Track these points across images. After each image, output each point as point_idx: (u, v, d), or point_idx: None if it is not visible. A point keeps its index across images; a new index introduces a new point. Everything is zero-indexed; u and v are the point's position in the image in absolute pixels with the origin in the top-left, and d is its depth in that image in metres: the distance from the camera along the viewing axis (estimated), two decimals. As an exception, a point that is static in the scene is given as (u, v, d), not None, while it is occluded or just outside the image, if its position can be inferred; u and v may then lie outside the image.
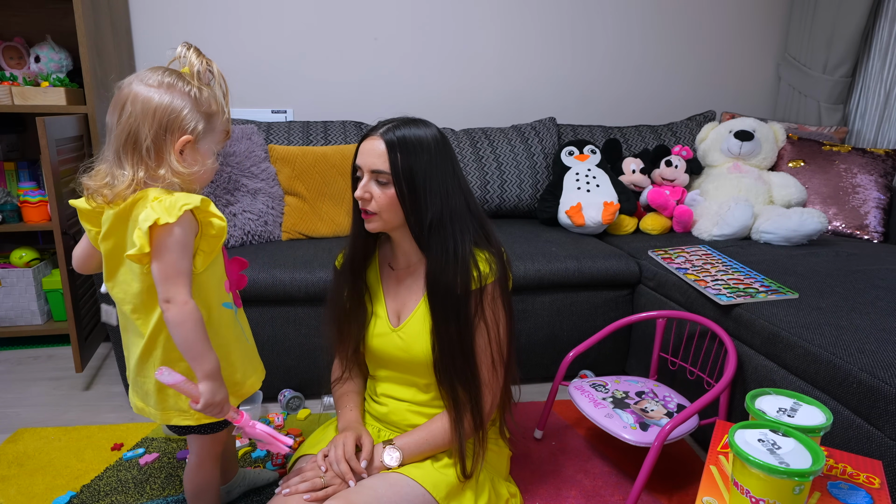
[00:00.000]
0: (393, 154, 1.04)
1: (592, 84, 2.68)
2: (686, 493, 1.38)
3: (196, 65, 0.94)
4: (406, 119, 1.10)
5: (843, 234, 2.11)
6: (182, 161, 0.93)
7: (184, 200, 0.88)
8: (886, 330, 1.20)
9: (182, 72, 0.95)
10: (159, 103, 0.90)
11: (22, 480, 1.40)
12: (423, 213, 1.06)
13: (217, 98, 0.96)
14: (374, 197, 1.07)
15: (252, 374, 1.09)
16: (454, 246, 1.07)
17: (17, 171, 2.13)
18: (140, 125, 0.90)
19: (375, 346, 1.20)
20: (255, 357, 1.12)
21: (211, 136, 0.96)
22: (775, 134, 2.28)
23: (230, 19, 2.34)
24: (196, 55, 0.95)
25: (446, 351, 1.09)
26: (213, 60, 0.97)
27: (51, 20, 2.13)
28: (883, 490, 0.86)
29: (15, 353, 2.11)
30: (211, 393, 0.92)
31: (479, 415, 1.12)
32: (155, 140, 0.90)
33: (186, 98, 0.92)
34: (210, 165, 0.97)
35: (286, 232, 1.99)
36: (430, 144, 1.07)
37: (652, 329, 1.64)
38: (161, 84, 0.91)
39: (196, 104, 0.93)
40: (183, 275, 0.89)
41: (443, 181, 1.07)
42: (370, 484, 1.05)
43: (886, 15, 2.41)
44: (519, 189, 2.29)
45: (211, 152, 0.97)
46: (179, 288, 0.88)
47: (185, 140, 0.92)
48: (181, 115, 0.91)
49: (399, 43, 2.48)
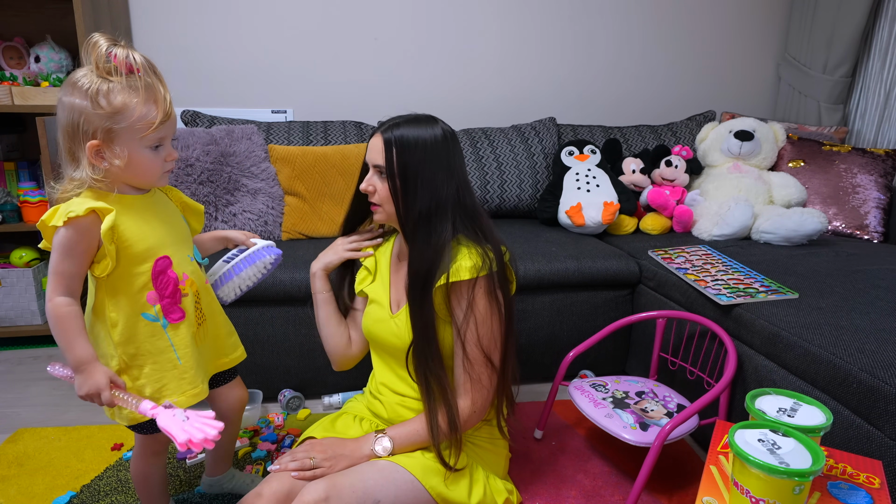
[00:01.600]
0: (389, 151, 1.09)
1: (592, 84, 2.68)
2: (686, 493, 1.38)
3: (98, 56, 0.88)
4: (411, 117, 1.13)
5: (843, 234, 2.11)
6: (99, 164, 0.91)
7: (72, 207, 0.89)
8: (886, 330, 1.20)
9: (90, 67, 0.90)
10: (64, 107, 0.90)
11: (22, 480, 1.40)
12: (410, 205, 1.10)
13: (126, 88, 0.89)
14: (377, 189, 1.13)
15: (174, 393, 1.02)
16: (435, 238, 1.09)
17: (17, 171, 2.13)
18: (60, 131, 0.92)
19: (375, 331, 1.23)
20: (187, 379, 1.04)
21: (125, 133, 0.90)
22: (775, 134, 2.28)
23: (230, 19, 2.34)
24: (104, 42, 0.88)
25: (420, 341, 1.11)
26: (128, 46, 0.90)
27: (51, 20, 2.13)
28: (883, 490, 0.86)
29: (15, 353, 2.11)
30: (78, 384, 0.93)
31: (453, 414, 1.11)
32: (67, 145, 0.92)
33: (85, 97, 0.88)
34: (134, 162, 0.92)
35: (286, 232, 1.99)
36: (428, 143, 1.10)
37: (652, 329, 1.64)
38: (69, 84, 0.89)
39: (94, 103, 0.88)
40: (58, 275, 0.91)
41: (433, 178, 1.09)
42: (358, 468, 1.07)
43: (886, 15, 2.41)
44: (519, 189, 2.29)
45: (133, 148, 0.92)
46: (51, 286, 0.92)
47: (92, 146, 0.90)
48: (81, 118, 0.89)
49: (399, 43, 2.48)
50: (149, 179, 0.98)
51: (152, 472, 1.17)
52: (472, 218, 1.14)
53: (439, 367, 1.11)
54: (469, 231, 1.13)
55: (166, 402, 0.97)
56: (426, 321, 1.10)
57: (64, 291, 0.92)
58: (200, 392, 1.06)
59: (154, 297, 0.99)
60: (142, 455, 1.14)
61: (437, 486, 1.09)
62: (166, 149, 0.97)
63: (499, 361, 1.16)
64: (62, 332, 0.93)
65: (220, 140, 1.95)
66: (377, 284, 1.27)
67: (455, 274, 1.08)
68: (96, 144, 0.90)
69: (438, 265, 1.08)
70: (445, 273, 1.08)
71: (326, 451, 1.11)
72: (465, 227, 1.12)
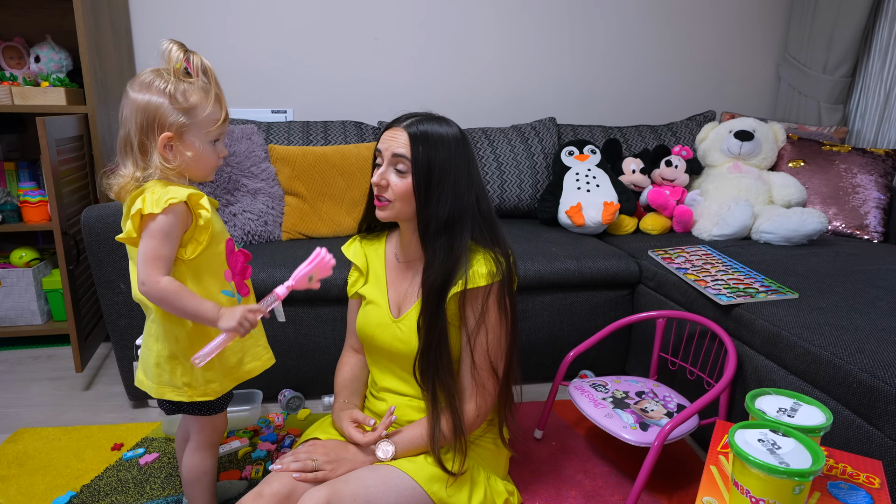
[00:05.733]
0: (415, 146, 1.06)
1: (592, 84, 2.68)
2: (686, 493, 1.38)
3: (175, 59, 0.97)
4: (430, 115, 1.12)
5: (843, 234, 2.11)
6: (168, 155, 0.98)
7: (172, 194, 0.95)
8: (886, 330, 1.20)
9: (163, 69, 0.98)
10: (139, 104, 0.96)
11: (22, 480, 1.40)
12: (434, 208, 1.07)
13: (199, 89, 0.99)
14: (391, 184, 1.09)
15: (252, 360, 1.13)
16: (455, 247, 1.08)
17: (17, 171, 2.13)
18: (129, 127, 0.97)
19: (375, 335, 1.21)
20: (260, 346, 1.15)
21: (196, 128, 0.99)
22: (775, 134, 2.28)
23: (230, 19, 2.34)
24: (177, 49, 0.98)
25: (431, 349, 1.10)
26: (197, 52, 1.00)
27: (51, 20, 2.13)
28: (883, 490, 0.86)
29: (15, 353, 2.11)
30: (229, 325, 0.97)
31: (459, 420, 1.11)
32: (140, 139, 0.97)
33: (163, 95, 0.96)
34: (199, 155, 1.01)
35: (286, 232, 1.99)
36: (451, 143, 1.08)
37: (652, 329, 1.64)
38: (142, 85, 0.97)
39: (172, 100, 0.96)
40: (160, 259, 0.96)
41: (457, 181, 1.08)
42: (359, 474, 1.06)
43: (886, 15, 2.41)
44: (519, 189, 2.29)
45: (200, 142, 1.00)
46: (153, 270, 0.95)
47: (166, 137, 0.97)
48: (158, 113, 0.96)
49: (399, 43, 2.48)
50: (206, 171, 1.06)
51: (209, 467, 1.16)
52: (488, 224, 1.13)
53: (448, 374, 1.11)
54: (482, 236, 1.12)
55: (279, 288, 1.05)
56: (440, 331, 1.09)
57: (165, 272, 0.97)
58: (270, 357, 1.16)
59: (229, 274, 1.07)
60: (199, 447, 1.14)
61: (438, 491, 1.08)
62: (221, 144, 1.06)
63: (503, 369, 1.16)
64: (186, 302, 0.97)
65: (220, 140, 1.95)
66: (371, 286, 1.25)
67: (472, 280, 1.07)
68: (169, 136, 0.97)
69: (457, 271, 1.07)
70: (462, 279, 1.07)
71: (329, 454, 1.10)
72: (481, 233, 1.12)
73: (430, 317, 1.09)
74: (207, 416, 1.11)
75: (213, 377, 1.06)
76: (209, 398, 1.07)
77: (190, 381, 1.05)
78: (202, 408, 1.09)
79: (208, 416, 1.11)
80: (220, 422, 1.14)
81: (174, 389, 1.05)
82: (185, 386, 1.05)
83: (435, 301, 1.09)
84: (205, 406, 1.09)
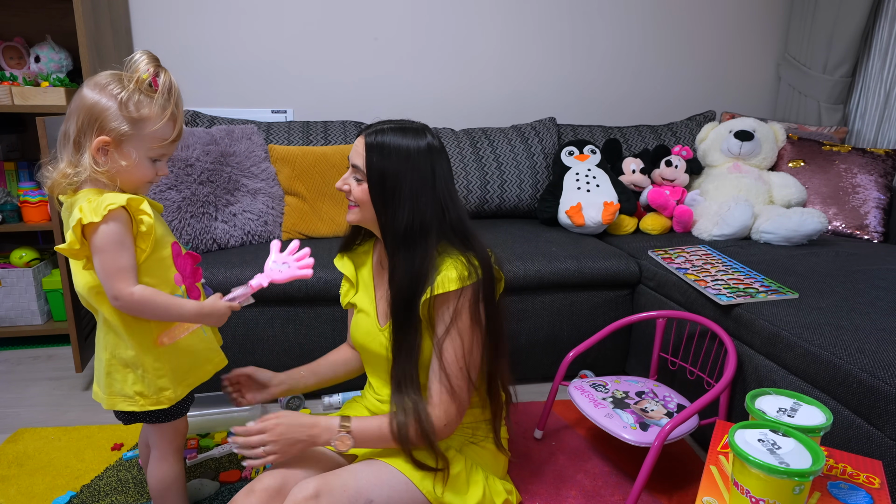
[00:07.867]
0: (370, 156, 1.07)
1: (592, 84, 2.68)
2: (686, 493, 1.38)
3: (142, 70, 0.96)
4: (398, 125, 1.09)
5: (843, 234, 2.11)
6: (100, 159, 0.96)
7: (109, 201, 0.92)
8: (886, 330, 1.20)
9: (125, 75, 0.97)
10: (86, 103, 0.95)
11: (22, 480, 1.40)
12: (391, 218, 1.07)
13: (156, 104, 0.97)
14: (352, 189, 1.12)
15: (205, 363, 1.13)
16: (417, 256, 1.06)
17: (17, 171, 2.13)
18: (72, 120, 0.96)
19: (366, 343, 1.22)
20: (212, 349, 1.15)
21: (138, 140, 0.97)
22: (775, 134, 2.28)
23: (230, 19, 2.34)
24: (147, 61, 0.97)
25: (400, 356, 1.10)
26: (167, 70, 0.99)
27: (51, 20, 2.13)
28: (883, 490, 0.86)
29: (15, 353, 2.11)
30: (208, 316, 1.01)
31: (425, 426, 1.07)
32: (77, 136, 0.96)
33: (114, 100, 0.95)
34: (134, 166, 0.98)
35: (286, 232, 1.99)
36: (411, 153, 1.06)
37: (652, 329, 1.64)
38: (96, 85, 0.96)
39: (122, 107, 0.95)
40: (123, 270, 0.94)
41: (416, 192, 1.06)
42: (353, 468, 1.07)
43: (886, 15, 2.41)
44: (519, 189, 2.29)
45: (138, 155, 0.98)
46: (122, 284, 0.94)
47: (101, 141, 0.95)
48: (102, 116, 0.95)
49: (399, 43, 2.48)
50: (137, 185, 1.02)
51: (177, 474, 1.14)
52: (456, 230, 1.10)
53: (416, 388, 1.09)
54: (453, 240, 1.10)
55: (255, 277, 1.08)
56: (410, 342, 1.09)
57: (134, 281, 0.96)
58: (223, 359, 1.17)
59: (179, 278, 1.06)
60: (163, 456, 1.12)
61: (432, 490, 1.08)
62: (162, 164, 1.04)
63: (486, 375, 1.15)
64: (163, 306, 0.97)
65: (220, 140, 1.94)
66: (362, 294, 1.25)
67: (440, 286, 1.05)
68: (106, 141, 0.95)
69: (423, 281, 1.06)
70: (430, 286, 1.05)
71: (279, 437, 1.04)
72: (449, 238, 1.10)
73: (398, 325, 1.09)
74: (166, 422, 1.09)
75: (166, 384, 1.04)
76: (163, 406, 1.04)
77: (142, 390, 1.02)
78: (159, 415, 1.07)
79: (167, 423, 1.09)
80: (180, 426, 1.12)
81: (126, 399, 1.03)
82: (138, 395, 1.02)
83: (402, 309, 1.08)
84: (161, 413, 1.06)
